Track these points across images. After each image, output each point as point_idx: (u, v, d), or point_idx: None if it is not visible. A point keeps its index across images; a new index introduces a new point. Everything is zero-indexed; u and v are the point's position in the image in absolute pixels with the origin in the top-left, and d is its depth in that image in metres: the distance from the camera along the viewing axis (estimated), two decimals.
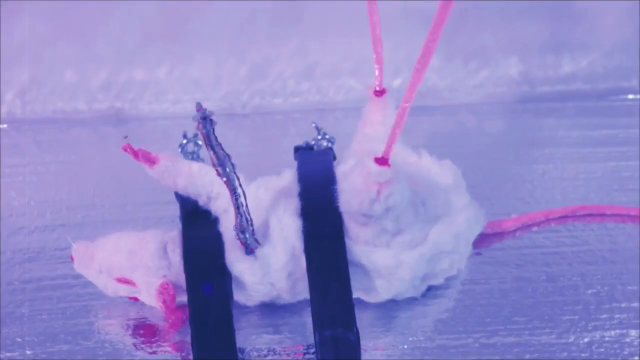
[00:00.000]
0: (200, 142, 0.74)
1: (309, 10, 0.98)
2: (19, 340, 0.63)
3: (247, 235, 0.61)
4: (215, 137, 0.57)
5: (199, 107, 0.56)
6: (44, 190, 0.84)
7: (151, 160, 0.64)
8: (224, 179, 0.58)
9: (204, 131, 0.56)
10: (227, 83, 1.00)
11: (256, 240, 0.62)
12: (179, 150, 0.74)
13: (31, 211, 0.80)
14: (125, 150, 0.63)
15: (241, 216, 0.60)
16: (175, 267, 0.64)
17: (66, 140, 0.96)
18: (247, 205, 0.60)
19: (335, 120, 0.97)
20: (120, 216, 0.78)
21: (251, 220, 0.61)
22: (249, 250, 0.62)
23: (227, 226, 0.63)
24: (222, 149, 0.57)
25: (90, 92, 1.00)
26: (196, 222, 0.65)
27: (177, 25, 0.99)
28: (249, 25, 0.99)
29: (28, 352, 0.62)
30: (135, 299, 0.66)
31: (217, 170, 0.58)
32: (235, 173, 0.59)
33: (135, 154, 0.63)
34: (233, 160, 0.58)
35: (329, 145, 0.73)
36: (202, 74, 1.00)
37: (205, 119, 0.56)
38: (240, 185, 0.59)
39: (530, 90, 1.01)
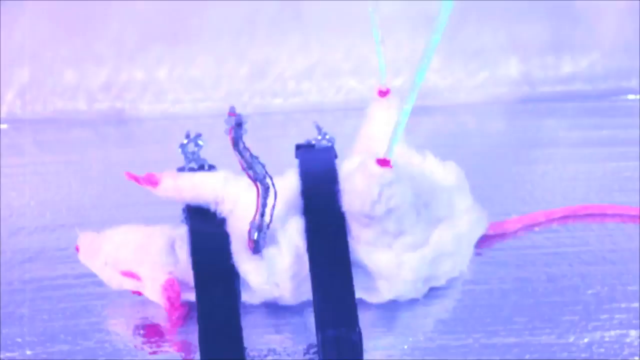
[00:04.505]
0: (201, 143, 0.74)
1: (309, 10, 0.98)
2: (19, 340, 0.63)
3: (260, 235, 0.61)
4: (243, 143, 0.57)
5: (232, 111, 0.56)
6: (44, 190, 0.84)
7: (154, 182, 0.66)
8: (255, 180, 0.59)
9: (234, 136, 0.56)
10: (227, 83, 1.00)
11: (264, 240, 0.62)
12: (180, 150, 0.74)
13: (31, 211, 0.80)
14: (129, 177, 0.65)
15: (262, 216, 0.60)
16: (182, 264, 0.64)
17: (66, 140, 0.96)
18: (274, 206, 0.61)
19: (335, 120, 0.97)
20: (121, 216, 0.78)
21: (271, 221, 0.61)
22: (257, 249, 0.62)
23: (233, 227, 0.63)
24: (249, 152, 0.58)
25: (90, 92, 0.99)
26: (203, 221, 0.65)
27: (177, 25, 0.99)
28: (249, 25, 0.99)
29: (28, 352, 0.62)
30: (139, 293, 0.66)
31: (247, 174, 0.58)
32: (267, 172, 0.59)
33: (137, 179, 0.65)
34: (261, 160, 0.58)
35: (329, 145, 0.73)
36: (202, 74, 1.00)
37: (239, 126, 0.56)
38: (273, 185, 0.60)
39: (531, 90, 1.01)
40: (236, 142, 0.57)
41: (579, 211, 0.76)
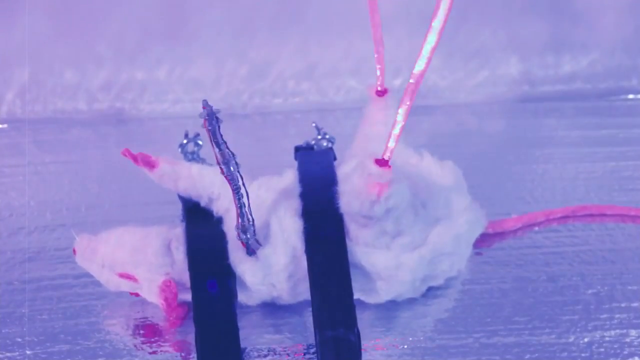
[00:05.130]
0: (200, 142, 0.74)
1: (309, 10, 0.98)
2: (19, 340, 0.63)
3: (248, 236, 0.61)
4: (221, 135, 0.57)
5: (205, 104, 0.56)
6: (44, 190, 0.84)
7: (151, 164, 0.65)
8: (227, 177, 0.58)
9: (209, 128, 0.56)
10: (227, 83, 1.00)
11: (257, 241, 0.62)
12: (179, 150, 0.74)
13: (31, 211, 0.80)
14: (125, 155, 0.64)
15: (243, 216, 0.60)
16: (178, 265, 0.64)
17: (66, 140, 0.96)
18: (249, 205, 0.60)
19: (335, 120, 0.97)
20: (121, 216, 0.78)
21: (253, 220, 0.61)
22: (250, 251, 0.62)
23: (230, 226, 0.63)
24: (227, 148, 0.58)
25: (90, 92, 0.99)
26: (200, 220, 0.65)
27: (177, 25, 0.99)
28: (249, 25, 0.99)
29: (28, 352, 0.62)
30: (137, 295, 0.66)
31: (221, 168, 0.58)
32: (238, 172, 0.59)
33: (135, 158, 0.64)
34: (238, 160, 0.58)
35: (329, 145, 0.73)
36: (202, 74, 1.00)
37: (212, 116, 0.56)
38: (244, 185, 0.59)
39: (530, 90, 1.01)
40: (213, 133, 0.57)
41: (579, 211, 0.76)
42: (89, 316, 0.66)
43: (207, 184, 0.65)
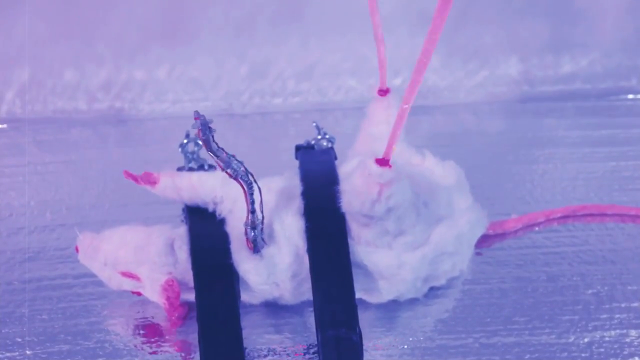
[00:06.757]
0: (200, 143, 0.74)
1: (309, 10, 0.98)
2: (19, 340, 0.63)
3: (256, 232, 0.61)
4: (216, 143, 0.57)
5: (197, 115, 0.56)
6: (44, 190, 0.84)
7: (152, 181, 0.66)
8: (236, 178, 0.59)
9: (203, 138, 0.56)
10: (227, 83, 1.00)
11: (263, 239, 0.62)
12: (180, 150, 0.74)
13: (31, 211, 0.80)
14: (126, 176, 0.65)
15: (254, 212, 0.60)
16: (181, 264, 0.64)
17: (66, 140, 0.96)
18: (261, 202, 0.60)
19: (335, 120, 0.97)
20: (121, 216, 0.78)
21: (263, 217, 0.61)
22: (256, 248, 0.62)
23: (232, 226, 0.63)
24: (224, 152, 0.58)
25: (90, 92, 0.99)
26: (202, 220, 0.65)
27: (177, 25, 0.99)
28: (249, 25, 0.99)
29: (28, 352, 0.62)
30: (139, 294, 0.66)
31: (227, 172, 0.58)
32: (246, 169, 0.59)
33: (136, 179, 0.66)
34: (239, 158, 0.58)
35: (329, 145, 0.73)
36: (202, 74, 1.00)
37: (205, 126, 0.56)
38: (255, 181, 0.59)
39: (530, 90, 1.01)
40: (207, 143, 0.57)
41: (579, 211, 0.76)
42: (89, 316, 0.66)
43: (209, 189, 0.65)
